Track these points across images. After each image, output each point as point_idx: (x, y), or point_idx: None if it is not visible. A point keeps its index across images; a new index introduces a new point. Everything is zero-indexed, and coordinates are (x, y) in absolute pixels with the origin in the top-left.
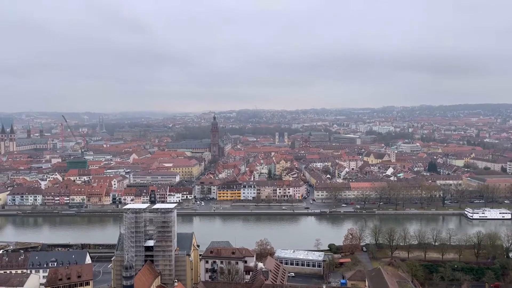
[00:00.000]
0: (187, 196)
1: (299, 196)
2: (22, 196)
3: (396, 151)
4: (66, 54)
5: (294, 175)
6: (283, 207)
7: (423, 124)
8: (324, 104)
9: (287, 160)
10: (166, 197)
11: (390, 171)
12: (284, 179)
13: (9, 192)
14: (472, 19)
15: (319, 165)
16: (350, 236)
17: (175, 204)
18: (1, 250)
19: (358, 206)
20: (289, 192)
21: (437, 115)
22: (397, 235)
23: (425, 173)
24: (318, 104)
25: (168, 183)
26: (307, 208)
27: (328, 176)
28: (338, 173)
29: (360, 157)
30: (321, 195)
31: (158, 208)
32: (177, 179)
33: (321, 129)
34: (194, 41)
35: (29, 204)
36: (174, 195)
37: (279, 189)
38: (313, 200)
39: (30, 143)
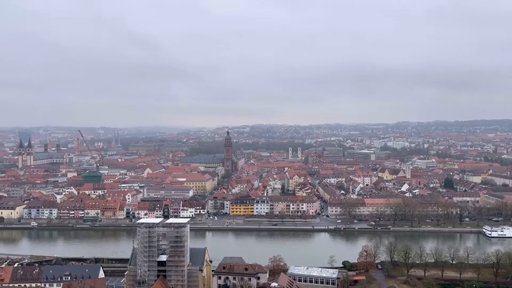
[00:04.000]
0: (200, 211)
1: (312, 212)
2: (38, 210)
3: (411, 167)
4: (79, 70)
5: (308, 191)
6: (296, 223)
7: (439, 139)
8: (337, 119)
9: (300, 175)
10: (179, 212)
11: (405, 187)
12: (297, 194)
13: (25, 205)
14: (488, 32)
15: (333, 180)
16: (365, 253)
17: (188, 219)
18: (16, 264)
19: (373, 223)
20: (302, 208)
21: (453, 130)
22: (413, 252)
23: (441, 190)
24: (331, 119)
25: (181, 198)
26: (320, 224)
27: (342, 191)
28: (352, 189)
29: (375, 172)
30: (335, 211)
31: (171, 223)
32: (191, 193)
33: (335, 144)
34: (204, 56)
35: (44, 217)
36: (187, 210)
37: (293, 205)
38: (327, 216)
39: (47, 157)
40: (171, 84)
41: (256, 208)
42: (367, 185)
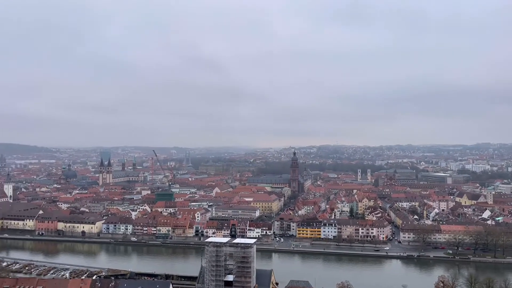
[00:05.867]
0: (266, 232)
1: (383, 237)
2: (115, 225)
3: (493, 192)
4: (153, 92)
5: (378, 215)
6: (366, 248)
7: None
8: (409, 140)
9: (370, 198)
10: (246, 232)
11: (487, 213)
12: (367, 218)
13: (104, 221)
14: None
15: (405, 204)
16: (441, 284)
17: (255, 240)
18: (95, 276)
19: (450, 251)
20: (372, 233)
21: None
22: (496, 286)
23: None
24: (403, 140)
25: (248, 218)
26: (391, 250)
27: (416, 217)
28: (427, 214)
29: (452, 197)
30: (408, 237)
31: (238, 243)
32: (257, 214)
33: (407, 166)
34: (271, 77)
35: (120, 233)
36: (254, 230)
37: (362, 229)
38: (399, 242)
39: (124, 176)
40: (239, 105)
41: (324, 231)
42: (443, 210)
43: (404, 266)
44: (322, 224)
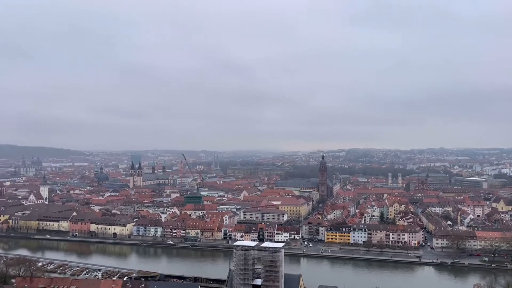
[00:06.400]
0: (294, 236)
1: (415, 243)
2: (145, 228)
3: None
4: (181, 96)
5: (409, 220)
6: (397, 254)
7: None
8: (442, 143)
9: (401, 203)
10: (274, 236)
11: None
12: (398, 223)
13: (134, 223)
14: None
15: (438, 210)
16: None
17: (283, 244)
18: (126, 277)
19: (486, 259)
20: (403, 238)
21: None
22: None
23: None
24: (435, 143)
25: (276, 222)
26: (423, 256)
27: (449, 222)
28: (461, 220)
29: (487, 202)
30: (441, 244)
31: (266, 247)
32: (285, 218)
33: (440, 170)
34: (298, 80)
35: (150, 235)
36: (282, 234)
37: (393, 234)
38: (432, 248)
39: (154, 179)
40: (266, 108)
41: (353, 236)
42: (478, 216)
43: (437, 273)
44: (351, 229)
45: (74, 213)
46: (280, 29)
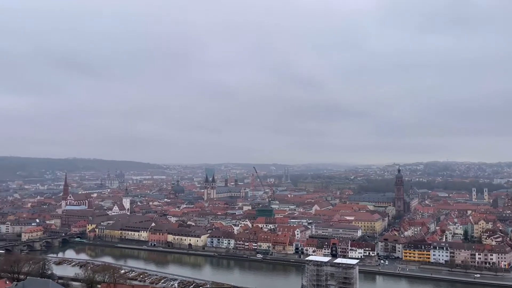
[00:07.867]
0: (369, 253)
1: (505, 265)
2: (219, 239)
3: None
4: (249, 111)
5: (498, 239)
6: (484, 276)
7: None
8: None
9: (488, 220)
10: (348, 252)
11: None
12: (484, 242)
13: (208, 234)
14: None
15: None
16: None
17: (357, 260)
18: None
19: None
20: (491, 259)
21: None
22: None
23: None
24: None
25: (349, 237)
26: None
27: None
28: None
29: None
30: None
31: (340, 263)
32: (359, 233)
33: None
34: (367, 92)
35: (223, 247)
36: (356, 251)
37: (479, 254)
38: None
39: (226, 191)
40: (336, 121)
41: (433, 255)
42: None
43: None
44: (432, 246)
45: (153, 224)
46: (350, 40)
